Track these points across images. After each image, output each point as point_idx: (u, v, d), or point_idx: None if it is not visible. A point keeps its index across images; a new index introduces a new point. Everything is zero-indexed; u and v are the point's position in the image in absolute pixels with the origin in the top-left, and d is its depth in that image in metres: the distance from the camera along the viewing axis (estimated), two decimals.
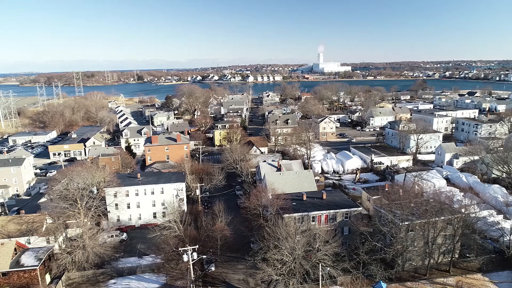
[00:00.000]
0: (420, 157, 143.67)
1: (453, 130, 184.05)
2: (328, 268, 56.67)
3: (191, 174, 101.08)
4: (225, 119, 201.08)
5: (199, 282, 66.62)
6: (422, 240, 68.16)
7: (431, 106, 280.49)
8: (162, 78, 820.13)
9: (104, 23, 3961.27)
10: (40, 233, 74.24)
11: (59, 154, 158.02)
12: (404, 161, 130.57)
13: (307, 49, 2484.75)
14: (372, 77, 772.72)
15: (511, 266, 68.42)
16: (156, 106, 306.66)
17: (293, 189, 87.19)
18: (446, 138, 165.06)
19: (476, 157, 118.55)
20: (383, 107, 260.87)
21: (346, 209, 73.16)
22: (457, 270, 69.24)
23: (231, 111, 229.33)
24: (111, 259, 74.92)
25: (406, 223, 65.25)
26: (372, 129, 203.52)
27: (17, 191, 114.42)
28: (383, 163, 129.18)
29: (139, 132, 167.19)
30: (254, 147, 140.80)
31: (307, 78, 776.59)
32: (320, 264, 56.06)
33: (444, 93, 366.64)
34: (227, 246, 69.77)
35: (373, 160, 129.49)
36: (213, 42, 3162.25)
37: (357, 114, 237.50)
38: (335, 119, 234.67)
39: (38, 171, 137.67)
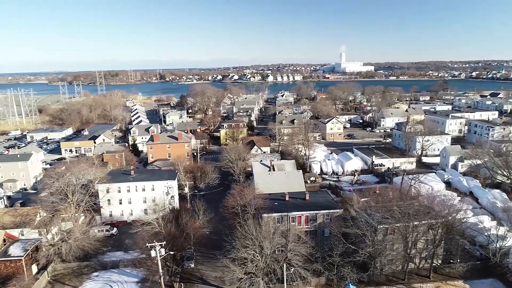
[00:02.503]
0: (426, 159, 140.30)
1: (465, 133, 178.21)
2: (293, 268, 56.68)
3: (185, 172, 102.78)
4: (234, 118, 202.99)
5: (176, 278, 68.19)
6: (402, 244, 66.95)
7: (450, 107, 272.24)
8: (183, 77, 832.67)
9: (130, 24, 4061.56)
10: (32, 225, 77.76)
11: (70, 150, 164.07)
12: (406, 163, 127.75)
13: (330, 48, 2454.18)
14: (395, 77, 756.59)
15: (496, 274, 66.08)
16: (171, 105, 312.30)
17: (282, 189, 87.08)
18: (458, 140, 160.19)
19: (480, 161, 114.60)
20: (398, 108, 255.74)
21: (326, 211, 72.72)
22: (438, 276, 67.61)
23: (241, 111, 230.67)
24: (98, 253, 77.54)
25: (382, 226, 64.28)
26: (382, 130, 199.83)
27: (24, 185, 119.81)
28: (384, 165, 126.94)
29: (147, 130, 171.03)
30: (256, 147, 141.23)
31: (328, 78, 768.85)
32: (284, 264, 56.16)
33: (466, 94, 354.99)
34: (203, 243, 70.80)
35: (373, 161, 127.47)
36: (235, 42, 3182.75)
37: (369, 114, 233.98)
38: (346, 119, 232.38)
39: (48, 166, 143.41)
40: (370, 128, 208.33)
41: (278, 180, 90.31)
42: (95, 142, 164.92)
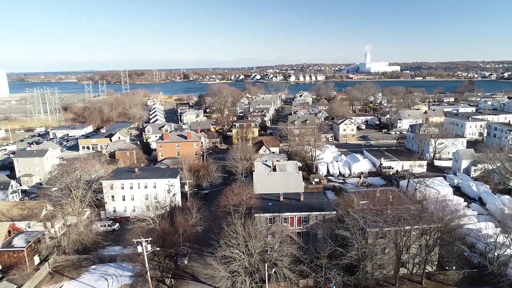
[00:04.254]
0: (438, 163, 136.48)
1: (485, 136, 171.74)
2: (274, 269, 56.92)
3: (189, 171, 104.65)
4: (249, 118, 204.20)
5: (168, 274, 69.85)
6: (394, 249, 65.81)
7: (474, 109, 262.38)
8: (206, 76, 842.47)
9: (157, 24, 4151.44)
10: (38, 218, 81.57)
11: (87, 147, 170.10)
12: (416, 167, 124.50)
13: (356, 48, 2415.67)
14: (421, 78, 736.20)
15: (491, 283, 63.79)
16: (190, 105, 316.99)
17: (280, 190, 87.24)
18: (476, 144, 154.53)
19: (492, 166, 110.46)
20: (418, 109, 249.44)
21: (318, 212, 72.43)
22: (431, 282, 66.03)
23: (256, 111, 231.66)
24: (99, 247, 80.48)
25: (371, 229, 63.42)
26: (398, 132, 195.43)
27: (40, 179, 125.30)
28: (392, 168, 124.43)
29: (161, 129, 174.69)
30: (264, 147, 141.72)
31: (351, 78, 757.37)
32: (266, 264, 56.52)
33: (494, 96, 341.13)
34: (197, 241, 72.10)
35: (382, 164, 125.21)
36: (259, 42, 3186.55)
37: (387, 116, 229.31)
38: (363, 120, 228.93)
39: (65, 162, 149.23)
40: (386, 130, 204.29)
41: (277, 180, 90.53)
42: (111, 140, 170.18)
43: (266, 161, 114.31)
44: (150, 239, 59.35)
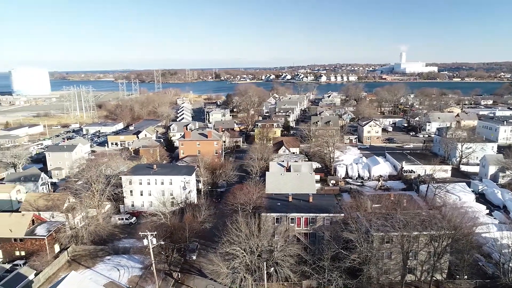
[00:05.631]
0: (465, 168, 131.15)
1: None
2: (272, 268, 57.43)
3: (205, 168, 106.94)
4: (273, 118, 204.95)
5: (176, 268, 72.13)
6: (401, 254, 64.43)
7: None
8: (237, 76, 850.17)
9: (192, 24, 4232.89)
10: (61, 210, 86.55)
11: (115, 143, 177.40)
12: (440, 171, 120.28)
13: (391, 48, 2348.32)
14: (459, 79, 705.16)
15: None
16: (217, 104, 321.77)
17: (291, 190, 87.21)
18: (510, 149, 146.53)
19: None
20: (451, 112, 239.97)
21: (326, 214, 72.10)
22: None
23: (281, 111, 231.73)
24: (115, 239, 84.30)
25: (376, 233, 62.47)
26: (427, 135, 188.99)
27: (68, 173, 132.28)
28: (414, 172, 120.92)
29: (186, 127, 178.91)
30: (284, 147, 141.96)
31: (385, 78, 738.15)
32: (265, 263, 57.15)
33: None
34: (206, 237, 73.81)
35: (403, 167, 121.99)
36: (292, 41, 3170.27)
37: (417, 118, 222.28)
38: (390, 122, 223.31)
39: (93, 157, 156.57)
40: (413, 133, 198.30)
41: (289, 181, 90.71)
42: (137, 137, 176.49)
43: (283, 161, 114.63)
44: (156, 233, 61.59)
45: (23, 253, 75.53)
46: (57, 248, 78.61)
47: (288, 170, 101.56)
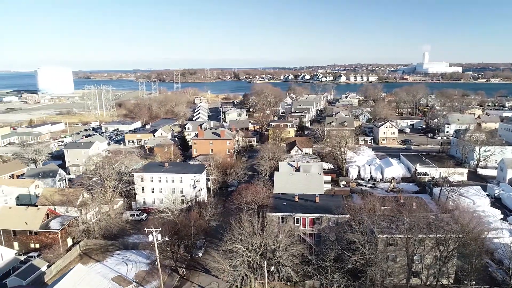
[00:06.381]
0: (482, 171, 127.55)
1: None
2: (272, 267, 57.75)
3: (216, 167, 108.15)
4: (288, 119, 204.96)
5: (182, 264, 73.43)
6: (406, 257, 63.57)
7: None
8: (256, 76, 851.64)
9: (212, 23, 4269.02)
10: (75, 205, 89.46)
11: (132, 141, 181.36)
12: (456, 174, 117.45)
13: (414, 47, 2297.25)
14: (485, 80, 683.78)
15: None
16: (234, 104, 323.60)
17: (300, 191, 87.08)
18: None
19: None
20: (473, 113, 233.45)
21: (331, 215, 71.87)
22: None
23: (297, 111, 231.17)
24: (126, 234, 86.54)
25: (379, 235, 61.86)
26: (445, 137, 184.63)
27: (85, 169, 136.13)
28: (428, 174, 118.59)
29: (200, 126, 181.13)
30: (296, 147, 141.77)
31: (406, 79, 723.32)
32: (265, 261, 57.55)
33: None
34: (211, 235, 74.82)
35: (416, 170, 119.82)
36: (312, 41, 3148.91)
37: (436, 120, 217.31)
38: (408, 124, 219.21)
39: (110, 154, 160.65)
40: (431, 135, 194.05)
41: (297, 181, 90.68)
42: (153, 135, 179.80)
43: (293, 161, 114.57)
44: (160, 229, 62.94)
45: (37, 246, 78.60)
46: (70, 241, 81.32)
47: (298, 170, 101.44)
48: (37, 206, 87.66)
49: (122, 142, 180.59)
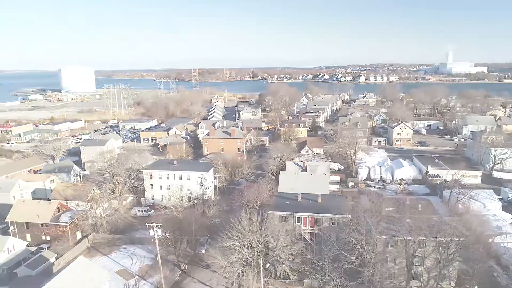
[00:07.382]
0: (497, 174, 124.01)
1: None
2: (268, 264, 58.23)
3: (224, 166, 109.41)
4: (301, 119, 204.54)
5: (185, 260, 74.90)
6: (405, 259, 62.88)
7: None
8: (274, 76, 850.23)
9: (231, 24, 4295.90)
10: (85, 199, 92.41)
11: (147, 139, 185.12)
12: (468, 176, 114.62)
13: (437, 47, 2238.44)
14: (511, 80, 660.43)
15: None
16: (250, 103, 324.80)
17: (305, 190, 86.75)
18: None
19: None
20: (493, 115, 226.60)
21: (332, 215, 71.77)
22: None
23: (311, 111, 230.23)
24: (133, 229, 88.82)
25: (377, 236, 61.43)
26: (462, 139, 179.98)
27: (100, 166, 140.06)
28: (440, 176, 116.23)
29: (213, 125, 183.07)
30: (306, 147, 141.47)
31: (428, 79, 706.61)
32: (261, 259, 58.12)
33: None
34: (215, 232, 75.86)
35: (428, 172, 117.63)
36: (331, 41, 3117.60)
37: (454, 121, 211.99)
38: (425, 125, 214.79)
39: (124, 152, 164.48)
40: (448, 136, 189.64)
41: (303, 181, 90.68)
42: (168, 134, 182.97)
43: (302, 161, 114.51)
44: (160, 224, 64.47)
45: (48, 238, 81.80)
46: (79, 235, 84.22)
47: (305, 170, 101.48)
48: (50, 200, 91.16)
49: (135, 139, 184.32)
